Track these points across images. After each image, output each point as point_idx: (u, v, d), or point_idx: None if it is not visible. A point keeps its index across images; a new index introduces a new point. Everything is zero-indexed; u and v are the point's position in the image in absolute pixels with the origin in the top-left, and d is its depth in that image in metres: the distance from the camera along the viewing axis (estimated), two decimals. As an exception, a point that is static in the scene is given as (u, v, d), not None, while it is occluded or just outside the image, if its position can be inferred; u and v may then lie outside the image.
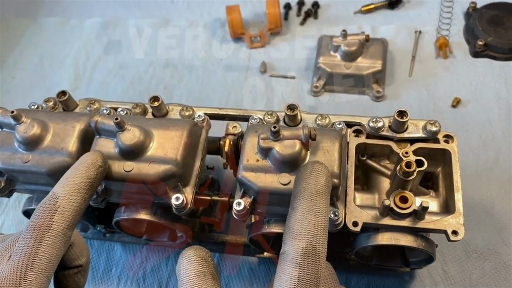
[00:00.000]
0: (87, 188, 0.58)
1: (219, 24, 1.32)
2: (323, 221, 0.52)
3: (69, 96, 0.85)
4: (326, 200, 0.54)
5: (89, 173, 0.60)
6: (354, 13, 1.29)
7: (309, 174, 0.56)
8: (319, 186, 0.54)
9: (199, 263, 0.50)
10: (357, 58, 1.12)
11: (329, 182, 0.56)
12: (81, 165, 0.61)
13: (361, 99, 1.14)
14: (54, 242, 0.51)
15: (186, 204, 0.73)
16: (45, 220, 0.52)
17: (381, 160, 0.80)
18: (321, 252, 0.50)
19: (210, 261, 0.51)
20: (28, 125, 0.75)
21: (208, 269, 0.50)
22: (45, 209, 0.53)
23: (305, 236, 0.50)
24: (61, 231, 0.52)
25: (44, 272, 0.49)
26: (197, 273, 0.49)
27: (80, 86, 1.25)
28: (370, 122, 0.77)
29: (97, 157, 0.64)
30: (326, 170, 0.57)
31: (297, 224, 0.51)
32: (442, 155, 0.76)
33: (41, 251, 0.50)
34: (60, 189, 0.56)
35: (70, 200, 0.55)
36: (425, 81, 1.14)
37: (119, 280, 0.96)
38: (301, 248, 0.49)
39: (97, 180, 0.61)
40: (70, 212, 0.54)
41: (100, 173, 0.63)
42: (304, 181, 0.55)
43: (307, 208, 0.52)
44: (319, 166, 0.56)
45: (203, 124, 0.80)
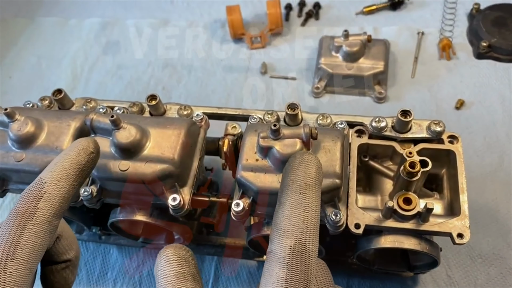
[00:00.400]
0: (76, 174, 0.53)
1: (219, 24, 1.31)
2: (314, 217, 0.47)
3: (65, 94, 0.84)
4: (316, 194, 0.49)
5: (79, 158, 0.54)
6: (356, 14, 1.28)
7: (298, 165, 0.51)
8: (308, 178, 0.49)
9: (179, 263, 0.45)
10: (359, 58, 1.10)
11: (320, 173, 0.51)
12: (72, 150, 0.55)
13: (362, 101, 1.12)
14: (38, 230, 0.47)
15: (183, 205, 0.71)
16: (29, 207, 0.47)
17: (383, 161, 0.78)
18: (312, 251, 0.46)
19: (191, 261, 0.46)
20: (22, 123, 0.73)
21: (188, 269, 0.45)
22: (30, 195, 0.48)
23: (293, 233, 0.46)
24: (46, 219, 0.48)
25: (25, 263, 0.45)
26: (176, 274, 0.44)
27: (77, 87, 1.23)
28: (373, 122, 0.75)
29: (89, 143, 0.57)
30: (317, 161, 0.52)
31: (284, 221, 0.47)
32: (446, 156, 0.74)
33: (23, 240, 0.45)
34: (47, 175, 0.51)
35: (58, 186, 0.50)
36: (428, 82, 1.12)
37: (115, 284, 0.94)
38: (288, 247, 0.45)
39: (87, 167, 0.55)
40: (57, 199, 0.49)
41: (91, 160, 0.56)
42: (292, 173, 0.50)
43: (295, 202, 0.48)
44: (309, 156, 0.52)
45: (202, 124, 0.79)
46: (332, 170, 0.65)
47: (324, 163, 0.65)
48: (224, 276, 0.93)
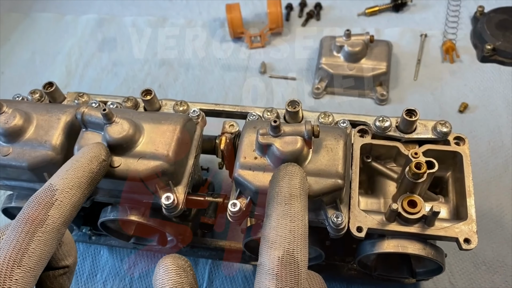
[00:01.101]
0: (88, 183, 0.53)
1: (218, 23, 1.28)
2: (300, 226, 0.48)
3: (56, 88, 0.80)
4: (302, 203, 0.50)
5: (91, 166, 0.55)
6: (358, 15, 1.26)
7: (282, 177, 0.52)
8: (293, 188, 0.51)
9: (177, 273, 0.45)
10: (361, 59, 1.07)
11: (304, 184, 0.52)
12: (83, 157, 0.55)
13: (363, 102, 1.09)
14: (47, 238, 0.46)
15: (177, 204, 0.67)
16: (39, 213, 0.47)
17: (387, 163, 0.75)
18: (301, 261, 0.45)
19: (189, 271, 0.47)
20: (9, 115, 0.69)
21: (186, 279, 0.45)
22: (41, 202, 0.48)
23: (281, 244, 0.46)
24: (55, 227, 0.47)
25: (32, 271, 0.44)
26: (174, 284, 0.45)
27: (71, 83, 1.20)
28: (377, 121, 0.72)
29: (101, 150, 0.59)
30: (301, 172, 0.54)
31: (271, 232, 0.47)
32: (452, 158, 0.72)
33: (31, 248, 0.45)
34: (59, 181, 0.50)
35: (69, 194, 0.50)
36: (431, 85, 1.10)
37: (105, 286, 0.90)
38: (277, 258, 0.45)
39: (99, 175, 0.56)
40: (68, 207, 0.49)
41: (102, 167, 0.57)
42: (277, 185, 0.52)
43: (281, 213, 0.48)
44: (293, 168, 0.54)
45: (198, 120, 0.76)
46: (334, 170, 0.62)
47: (326, 163, 0.62)
48: (219, 280, 0.89)
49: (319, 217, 0.65)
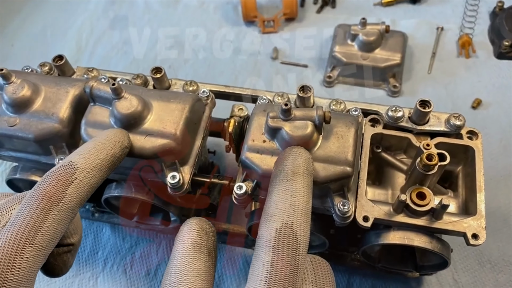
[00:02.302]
0: (109, 166, 0.51)
1: (231, 6, 1.26)
2: (302, 202, 0.46)
3: (66, 61, 0.80)
4: (304, 181, 0.48)
5: (114, 151, 0.53)
6: (374, 5, 1.23)
7: (286, 157, 0.52)
8: (296, 167, 0.50)
9: (199, 234, 0.45)
10: (375, 49, 1.06)
11: (308, 164, 0.52)
12: (108, 141, 0.54)
13: (376, 93, 1.08)
14: (62, 217, 0.44)
15: (182, 184, 0.67)
16: (57, 191, 0.45)
17: (397, 154, 0.74)
18: (300, 235, 0.43)
19: (211, 236, 0.46)
20: (17, 86, 0.69)
21: (206, 242, 0.45)
22: (60, 178, 0.46)
23: (280, 216, 0.44)
24: (71, 206, 0.45)
25: (44, 250, 0.42)
26: (193, 243, 0.44)
27: (81, 59, 1.19)
28: (389, 111, 0.70)
29: (125, 136, 0.58)
30: (306, 153, 0.53)
31: (272, 206, 0.46)
32: (464, 153, 0.70)
33: (45, 226, 0.42)
34: (80, 160, 0.48)
35: (90, 174, 0.48)
36: (444, 79, 1.08)
37: (105, 264, 0.90)
38: (274, 229, 0.43)
39: (119, 161, 0.54)
40: (86, 188, 0.47)
41: (124, 154, 0.56)
42: (280, 164, 0.51)
43: (282, 189, 0.47)
44: (298, 149, 0.53)
45: (207, 101, 0.74)
46: (344, 157, 0.61)
47: (335, 149, 0.61)
48: (220, 264, 0.89)
49: (325, 204, 0.65)
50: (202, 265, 0.43)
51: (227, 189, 0.71)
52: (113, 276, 0.89)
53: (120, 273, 0.89)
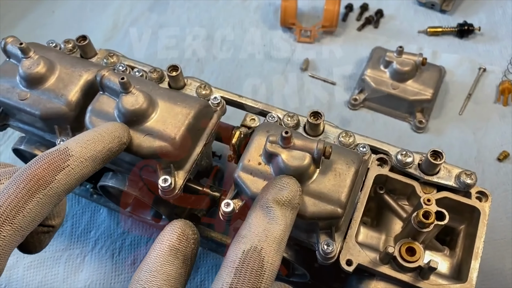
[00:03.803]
0: (103, 160, 0.51)
1: (272, 8, 1.24)
2: (278, 230, 0.44)
3: (89, 42, 0.80)
4: (285, 213, 0.46)
5: (111, 145, 0.53)
6: (418, 32, 1.18)
7: (273, 185, 0.50)
8: (279, 196, 0.47)
9: (179, 238, 0.44)
10: (408, 80, 1.01)
11: (293, 197, 0.49)
12: (108, 134, 0.54)
13: (400, 125, 1.03)
14: (46, 202, 0.44)
15: (173, 188, 0.66)
16: (47, 174, 0.44)
17: (399, 199, 0.71)
18: (267, 262, 0.41)
19: (192, 243, 0.45)
20: (34, 61, 0.70)
21: (184, 248, 0.44)
22: (52, 162, 0.45)
23: (251, 239, 0.42)
24: (57, 193, 0.45)
25: (22, 231, 0.42)
26: (170, 247, 0.43)
27: (115, 37, 1.20)
28: (399, 154, 0.67)
29: (125, 132, 0.58)
30: (294, 186, 0.50)
31: (245, 228, 0.44)
32: (470, 213, 0.66)
33: (28, 207, 0.42)
34: (77, 148, 0.48)
35: (83, 164, 0.48)
36: (475, 124, 1.02)
37: (95, 245, 0.92)
38: (241, 251, 0.41)
39: (114, 156, 0.54)
40: (76, 177, 0.47)
41: (120, 149, 0.56)
42: (265, 190, 0.49)
43: (260, 214, 0.45)
44: (287, 179, 0.51)
45: (217, 108, 0.73)
46: (337, 196, 0.58)
47: (330, 187, 0.59)
48: (204, 268, 0.88)
49: (311, 239, 0.62)
50: (174, 271, 0.43)
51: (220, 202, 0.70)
52: (100, 258, 0.90)
53: (107, 256, 0.90)
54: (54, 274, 0.89)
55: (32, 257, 0.91)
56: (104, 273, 0.89)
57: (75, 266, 0.90)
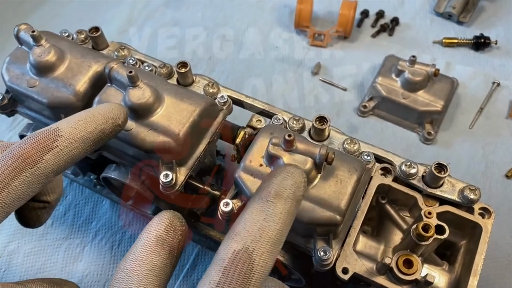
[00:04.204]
0: (95, 141, 0.49)
1: (287, 10, 1.23)
2: (273, 229, 0.41)
3: (101, 34, 0.81)
4: (286, 207, 0.43)
5: (104, 126, 0.50)
6: (433, 42, 1.16)
7: (276, 174, 0.45)
8: (282, 188, 0.44)
9: (166, 229, 0.43)
10: (419, 90, 1.00)
11: (298, 188, 0.45)
12: (101, 115, 0.51)
13: (408, 135, 1.02)
14: (32, 181, 0.44)
15: (174, 184, 0.66)
16: (34, 154, 0.44)
17: (401, 210, 0.70)
18: (257, 265, 0.40)
19: (179, 234, 0.44)
20: (45, 49, 0.70)
21: (171, 239, 0.43)
22: (41, 142, 0.45)
23: (243, 238, 0.40)
24: (45, 173, 0.45)
25: (6, 208, 0.42)
26: (157, 237, 0.43)
27: (128, 30, 1.21)
28: (403, 165, 0.66)
29: (120, 113, 0.53)
30: (299, 176, 0.46)
31: (240, 224, 0.42)
32: (471, 228, 0.65)
33: (13, 185, 0.42)
34: (67, 129, 0.47)
35: (72, 145, 0.47)
36: (485, 138, 1.01)
37: (96, 235, 0.92)
38: (232, 250, 0.40)
39: (108, 138, 0.52)
40: (65, 157, 0.46)
41: (114, 132, 0.53)
42: (267, 180, 0.45)
43: (258, 208, 0.42)
44: (292, 168, 0.46)
45: (223, 107, 0.73)
46: (336, 203, 0.58)
47: (330, 193, 0.58)
48: (202, 266, 0.88)
49: (308, 244, 0.62)
50: (159, 261, 0.42)
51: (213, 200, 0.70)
52: (99, 249, 0.91)
53: (106, 248, 0.91)
54: (53, 262, 0.90)
55: (33, 243, 0.92)
56: (103, 265, 0.89)
57: (74, 255, 0.90)
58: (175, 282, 0.86)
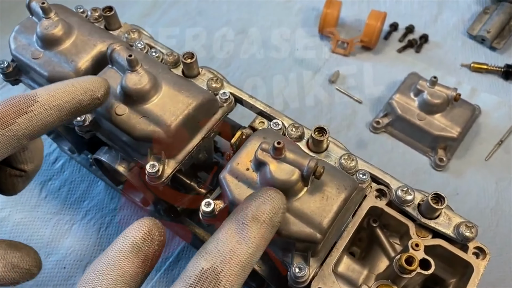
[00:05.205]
0: (71, 112, 0.50)
1: (315, 12, 1.20)
2: (246, 253, 0.41)
3: (115, 14, 0.80)
4: (262, 231, 0.43)
5: (82, 97, 0.50)
6: (461, 65, 1.11)
7: (256, 197, 0.46)
8: (259, 212, 0.44)
9: (144, 237, 0.42)
10: (436, 113, 0.95)
11: (275, 214, 0.45)
12: (80, 86, 0.51)
13: (418, 158, 0.98)
14: (4, 143, 0.45)
15: (160, 175, 0.64)
16: (8, 115, 0.45)
17: (392, 236, 0.66)
18: (224, 286, 0.39)
19: (156, 245, 0.43)
20: (52, 23, 0.70)
21: (146, 248, 0.42)
22: (16, 105, 0.46)
23: (213, 257, 0.40)
24: (17, 136, 0.45)
25: None
26: (132, 244, 0.42)
27: (152, 15, 1.20)
28: (400, 189, 0.63)
29: (101, 86, 0.53)
30: (279, 201, 0.46)
31: (212, 242, 0.42)
32: (463, 267, 0.61)
33: None
34: (44, 96, 0.47)
35: (46, 112, 0.47)
36: (500, 173, 0.95)
37: (85, 215, 0.92)
38: (200, 268, 0.40)
39: (86, 110, 0.52)
40: (39, 124, 0.47)
41: (93, 105, 0.53)
42: (246, 201, 0.45)
43: (233, 229, 0.42)
44: (273, 193, 0.46)
45: (224, 104, 0.71)
46: (319, 221, 0.55)
47: (314, 209, 0.56)
48: (185, 262, 0.86)
49: (286, 258, 0.59)
50: (131, 269, 0.41)
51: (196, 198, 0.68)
52: (87, 230, 0.90)
53: (94, 229, 0.90)
54: (40, 235, 0.90)
55: (24, 214, 0.92)
56: (87, 245, 0.89)
57: (61, 232, 0.90)
58: (156, 273, 0.85)
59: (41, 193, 0.94)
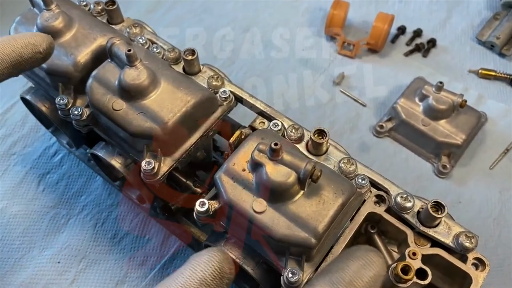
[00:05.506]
0: (11, 65, 0.51)
1: (322, 13, 1.18)
2: None
3: (117, 8, 0.79)
4: None
5: (23, 51, 0.52)
6: (469, 71, 1.09)
7: (356, 257, 0.42)
8: (358, 277, 0.40)
9: (213, 274, 0.40)
10: (441, 119, 0.94)
11: (375, 282, 0.41)
12: (21, 40, 0.53)
13: (421, 165, 0.96)
14: None
15: (155, 173, 0.63)
16: None
17: (390, 244, 0.65)
18: None
19: (225, 283, 0.41)
20: (53, 15, 0.69)
21: (214, 287, 0.40)
22: None
23: None
24: None
25: None
26: (201, 280, 0.39)
27: (157, 10, 1.19)
28: (399, 196, 0.61)
29: (43, 42, 0.54)
30: (382, 268, 0.42)
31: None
32: (461, 278, 0.59)
33: None
34: None
35: None
36: (504, 183, 0.93)
37: (82, 210, 0.91)
38: None
39: (28, 64, 0.53)
40: None
41: (35, 60, 0.54)
42: (344, 261, 0.42)
43: None
44: (375, 257, 0.42)
45: (223, 102, 0.70)
46: (313, 225, 0.53)
47: (309, 213, 0.54)
48: (181, 261, 0.85)
49: (280, 262, 0.58)
50: None
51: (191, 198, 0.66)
52: (83, 225, 0.89)
53: (90, 224, 0.89)
54: (37, 229, 0.89)
55: (20, 206, 0.91)
56: (83, 240, 0.88)
57: (58, 226, 0.89)
58: (150, 272, 0.84)
59: (38, 186, 0.93)
